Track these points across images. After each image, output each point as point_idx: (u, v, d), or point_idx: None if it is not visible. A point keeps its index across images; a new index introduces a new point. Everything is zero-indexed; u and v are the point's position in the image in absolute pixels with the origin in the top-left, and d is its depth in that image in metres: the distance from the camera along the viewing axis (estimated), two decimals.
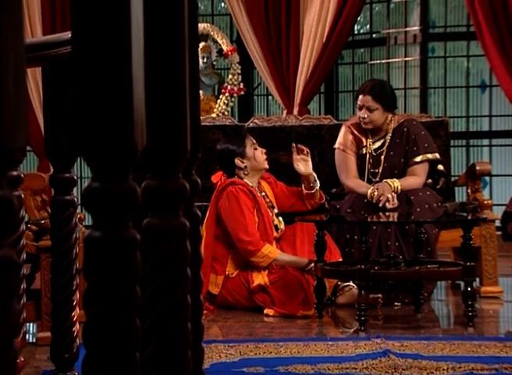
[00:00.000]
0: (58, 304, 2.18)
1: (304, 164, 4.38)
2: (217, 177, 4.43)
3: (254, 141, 4.42)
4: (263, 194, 4.42)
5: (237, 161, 4.35)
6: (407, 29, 7.09)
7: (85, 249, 1.07)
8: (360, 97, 4.57)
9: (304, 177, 4.41)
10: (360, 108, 4.58)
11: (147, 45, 1.14)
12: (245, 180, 4.34)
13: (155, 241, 1.27)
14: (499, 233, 4.84)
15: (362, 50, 7.43)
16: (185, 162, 1.29)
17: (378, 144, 4.66)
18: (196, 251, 1.49)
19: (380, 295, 4.16)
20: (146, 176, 1.29)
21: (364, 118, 4.56)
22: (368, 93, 4.54)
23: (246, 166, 4.36)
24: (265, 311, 4.07)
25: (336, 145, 4.74)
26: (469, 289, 3.70)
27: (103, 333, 1.05)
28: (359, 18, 7.20)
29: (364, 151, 4.68)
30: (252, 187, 4.33)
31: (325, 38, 6.55)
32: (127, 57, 1.03)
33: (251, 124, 5.13)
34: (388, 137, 4.64)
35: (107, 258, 1.06)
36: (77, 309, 2.20)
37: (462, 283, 3.91)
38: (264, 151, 4.41)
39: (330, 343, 3.36)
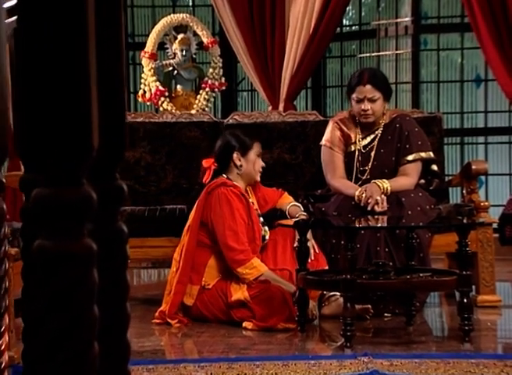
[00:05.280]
0: None
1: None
2: (208, 162, 4.08)
3: (261, 152, 4.09)
4: (251, 201, 4.07)
5: (236, 155, 4.01)
6: (398, 20, 6.79)
7: None
8: (359, 88, 4.21)
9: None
10: (359, 101, 4.22)
11: None
12: (235, 182, 4.00)
13: (48, 270, 0.93)
14: (496, 235, 4.53)
15: (351, 43, 7.13)
16: (89, 162, 0.95)
17: (368, 139, 4.33)
18: (120, 279, 1.15)
19: (369, 306, 3.83)
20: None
21: (366, 110, 4.20)
22: (367, 82, 4.19)
23: (241, 166, 4.02)
24: (244, 324, 3.73)
25: (323, 142, 4.40)
26: (465, 300, 3.37)
27: None
28: (348, 12, 6.91)
29: (353, 148, 4.34)
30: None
31: (311, 30, 6.28)
32: None
33: (231, 121, 4.77)
34: (379, 132, 4.31)
35: None
36: (6, 337, 1.85)
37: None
38: (264, 165, 4.08)
39: (312, 362, 3.02)
